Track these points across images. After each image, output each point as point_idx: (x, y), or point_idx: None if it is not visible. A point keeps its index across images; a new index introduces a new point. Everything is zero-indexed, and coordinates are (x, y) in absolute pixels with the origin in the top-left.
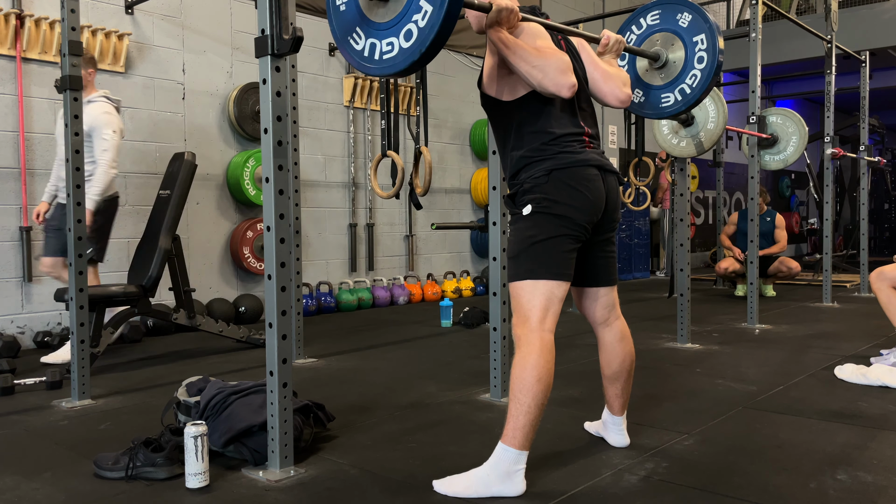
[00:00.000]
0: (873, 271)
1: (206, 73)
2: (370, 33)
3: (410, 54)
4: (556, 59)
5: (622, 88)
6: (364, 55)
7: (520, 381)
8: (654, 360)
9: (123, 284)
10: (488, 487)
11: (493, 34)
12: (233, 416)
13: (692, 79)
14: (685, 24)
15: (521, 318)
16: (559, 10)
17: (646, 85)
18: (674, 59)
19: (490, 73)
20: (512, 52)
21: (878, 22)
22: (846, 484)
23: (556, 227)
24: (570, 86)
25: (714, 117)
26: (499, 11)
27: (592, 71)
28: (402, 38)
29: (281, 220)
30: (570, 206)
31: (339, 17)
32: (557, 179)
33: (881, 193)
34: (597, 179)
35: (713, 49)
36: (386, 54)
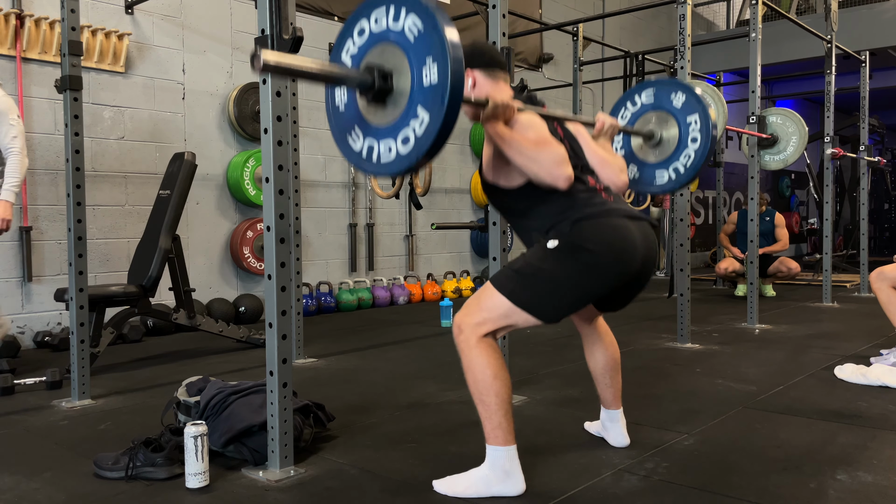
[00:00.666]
0: (873, 271)
1: (206, 73)
2: (368, 135)
3: (408, 160)
4: (552, 151)
5: (619, 176)
6: (362, 156)
7: (478, 384)
8: (654, 360)
9: (123, 284)
10: (489, 487)
11: (489, 128)
12: (233, 416)
13: (686, 158)
14: (679, 104)
15: (471, 315)
16: (559, 11)
17: (640, 161)
18: (668, 137)
19: (488, 162)
20: (508, 145)
21: (878, 22)
22: (846, 484)
23: (576, 276)
24: (566, 177)
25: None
26: (495, 107)
27: (590, 157)
28: (400, 143)
29: (281, 220)
30: (599, 254)
31: (339, 117)
32: (584, 228)
33: (881, 193)
34: (626, 229)
35: (706, 130)
36: (383, 157)
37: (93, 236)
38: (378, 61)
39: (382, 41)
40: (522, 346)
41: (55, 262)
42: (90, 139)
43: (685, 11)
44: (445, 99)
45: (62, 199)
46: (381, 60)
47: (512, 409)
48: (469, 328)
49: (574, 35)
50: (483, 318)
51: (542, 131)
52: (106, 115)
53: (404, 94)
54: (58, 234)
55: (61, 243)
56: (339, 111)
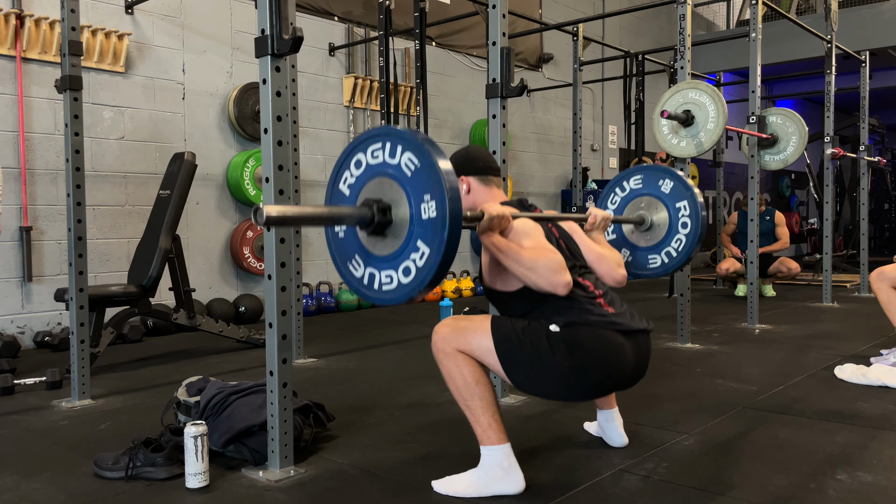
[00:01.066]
0: (873, 271)
1: (206, 73)
2: (369, 264)
3: (409, 290)
4: (549, 259)
5: (617, 270)
6: (363, 283)
7: (461, 391)
8: (654, 360)
9: (123, 284)
10: (488, 486)
11: (485, 240)
12: (233, 415)
13: (677, 243)
14: (667, 189)
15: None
16: (559, 11)
17: (632, 245)
18: (658, 221)
19: (487, 268)
20: (505, 255)
21: (878, 22)
22: (846, 484)
23: (562, 372)
24: (565, 284)
25: (714, 117)
26: (490, 220)
27: (587, 253)
28: (401, 274)
29: None
30: (588, 367)
31: (339, 245)
32: (581, 334)
33: (881, 193)
34: (620, 348)
35: (696, 216)
36: (385, 286)
37: (93, 236)
38: (376, 195)
39: (379, 175)
40: None
41: (55, 262)
42: (90, 139)
43: (685, 11)
44: (445, 235)
45: (62, 199)
46: (378, 194)
47: (499, 409)
48: (445, 340)
49: (574, 35)
50: (461, 341)
51: (538, 238)
52: (106, 115)
53: (404, 226)
54: (58, 234)
55: (61, 243)
56: (339, 238)
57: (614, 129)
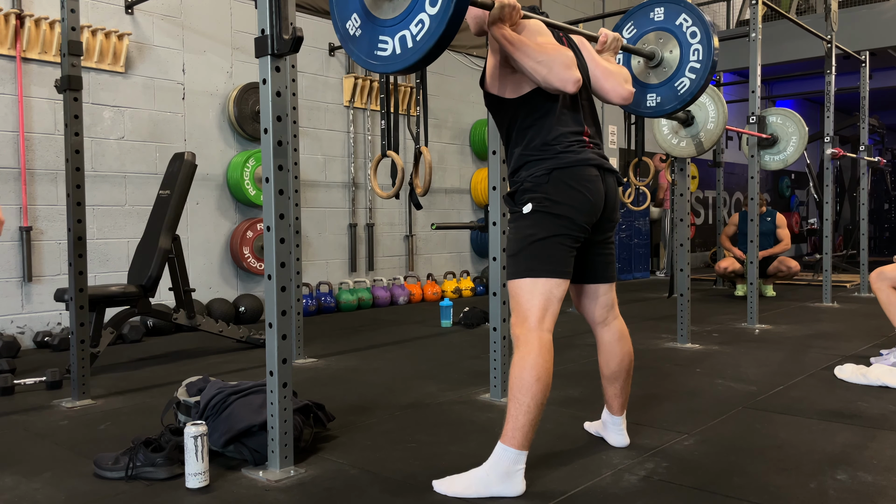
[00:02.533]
0: (873, 271)
1: (206, 73)
2: (369, 25)
3: (406, 58)
4: (560, 54)
5: (623, 85)
6: (397, 52)
7: (519, 381)
8: (654, 360)
9: (123, 284)
10: (488, 487)
11: (496, 31)
12: (233, 416)
13: (696, 55)
14: (661, 17)
15: (520, 317)
16: (559, 10)
17: (642, 84)
18: (669, 57)
19: (492, 72)
20: (516, 48)
21: (878, 22)
22: (846, 484)
23: (555, 226)
24: (575, 80)
25: (714, 117)
26: (501, 8)
27: (594, 69)
28: (397, 42)
29: (281, 220)
30: (570, 206)
31: (358, 43)
32: (558, 179)
33: (881, 193)
34: (597, 180)
35: (701, 22)
36: (381, 52)
37: (93, 236)
38: None
39: None
40: None
41: (55, 262)
42: (90, 139)
43: None
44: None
45: (62, 199)
46: None
47: (539, 419)
48: (518, 325)
49: None
50: (524, 312)
51: (549, 36)
52: (106, 115)
53: None
54: (58, 234)
55: (61, 243)
56: None
57: (614, 129)
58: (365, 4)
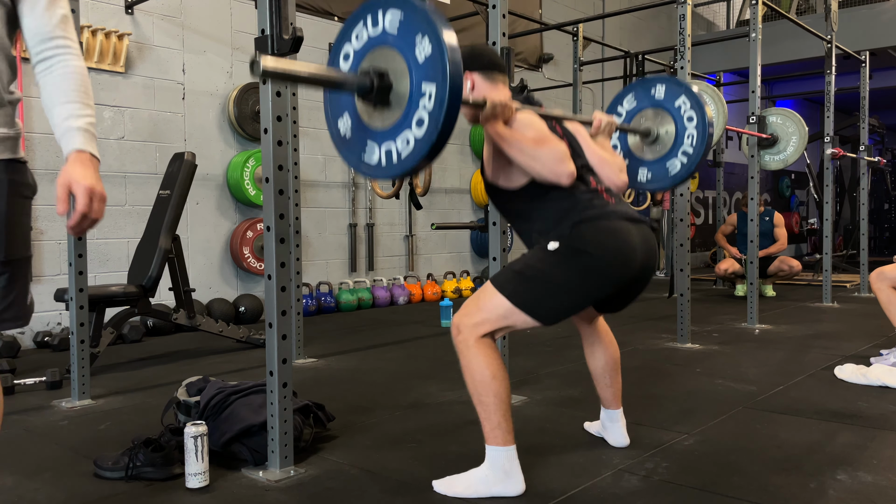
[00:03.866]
0: (873, 271)
1: (206, 73)
2: (362, 134)
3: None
4: (553, 148)
5: (619, 175)
6: (382, 164)
7: (477, 385)
8: (654, 360)
9: (123, 284)
10: (488, 487)
11: (489, 129)
12: (233, 416)
13: (689, 139)
14: (662, 94)
15: (469, 320)
16: (559, 11)
17: (639, 160)
18: (664, 133)
19: (490, 163)
20: (509, 144)
21: (878, 22)
22: (846, 484)
23: (576, 279)
24: (569, 174)
25: (714, 117)
26: (493, 107)
27: (589, 156)
28: (399, 145)
29: (281, 220)
30: (599, 257)
31: (348, 144)
32: (585, 231)
33: (881, 193)
34: (626, 232)
35: (698, 106)
36: (384, 160)
37: (92, 236)
38: (376, 65)
39: (376, 46)
40: (522, 347)
41: (55, 262)
42: None
43: (685, 11)
44: (443, 113)
45: None
46: (376, 63)
47: (511, 410)
48: (467, 329)
49: (574, 35)
50: (482, 319)
51: (542, 129)
52: (106, 115)
53: (403, 99)
54: (58, 234)
55: (61, 243)
56: (347, 139)
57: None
58: (356, 108)
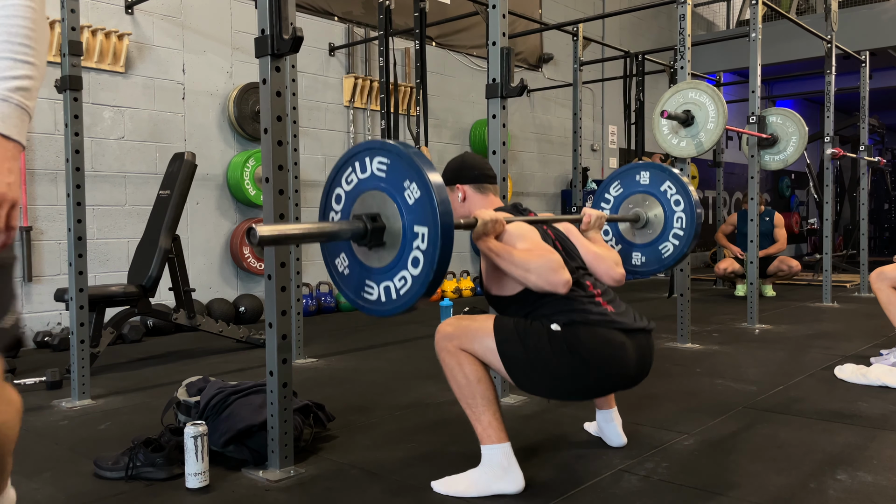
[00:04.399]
0: (873, 271)
1: (206, 73)
2: (379, 279)
3: (404, 302)
4: (546, 259)
5: (615, 269)
6: (382, 300)
7: (462, 389)
8: (654, 360)
9: (123, 284)
10: (488, 486)
11: (481, 245)
12: (233, 416)
13: (679, 221)
14: (646, 181)
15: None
16: (559, 11)
17: (630, 244)
18: (653, 216)
19: (487, 274)
20: (502, 258)
21: (878, 22)
22: (846, 484)
23: (563, 373)
24: (565, 283)
25: (714, 117)
26: (484, 224)
27: (584, 254)
28: (397, 282)
29: (281, 221)
30: (592, 366)
31: (346, 280)
32: (582, 334)
33: (881, 193)
34: (622, 347)
35: (684, 190)
36: (402, 289)
37: (93, 236)
38: (367, 209)
39: (367, 190)
40: None
41: (55, 262)
42: (90, 139)
43: (685, 11)
44: (437, 252)
45: (62, 199)
46: (368, 206)
47: (500, 408)
48: (448, 339)
49: (574, 35)
50: (464, 340)
51: (534, 239)
52: (106, 115)
53: (397, 238)
54: (58, 234)
55: (61, 243)
56: (345, 275)
57: (614, 129)
58: (353, 249)
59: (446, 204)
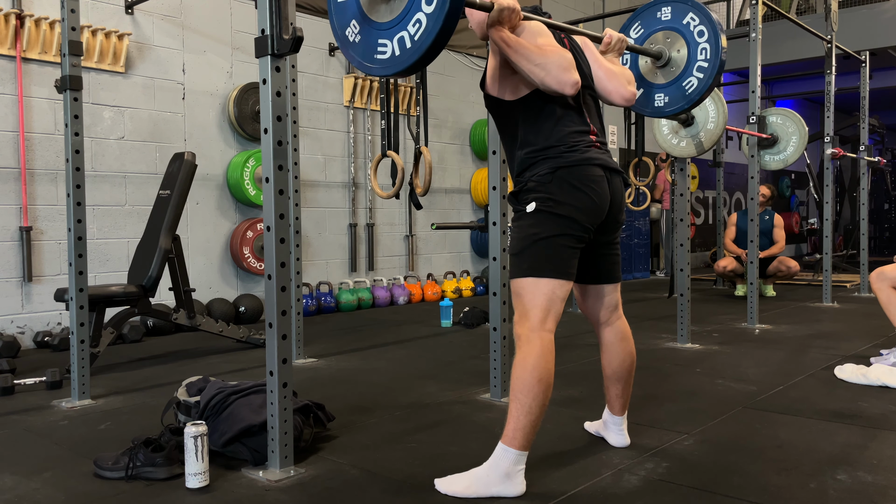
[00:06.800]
0: (873, 271)
1: (206, 73)
2: (366, 29)
3: (413, 52)
4: (559, 56)
5: (626, 87)
6: (397, 54)
7: (521, 382)
8: (654, 360)
9: (123, 284)
10: (488, 487)
11: (494, 34)
12: (233, 416)
13: (703, 53)
14: (670, 15)
15: (522, 315)
16: (559, 10)
17: (649, 83)
18: (676, 57)
19: (493, 74)
20: (514, 50)
21: (878, 22)
22: (846, 484)
23: (558, 226)
24: (574, 83)
25: (714, 117)
26: (500, 10)
27: (597, 69)
28: (396, 44)
29: (281, 220)
30: (574, 206)
31: (358, 48)
32: (562, 179)
33: (881, 193)
34: (602, 181)
35: (709, 22)
36: (380, 55)
37: (93, 236)
38: None
39: None
40: None
41: (55, 262)
42: (90, 139)
43: None
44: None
45: (62, 199)
46: None
47: (540, 421)
48: (523, 328)
49: None
50: (524, 310)
51: (550, 38)
52: (106, 115)
53: None
54: (58, 234)
55: (61, 243)
56: (340, 2)
57: (614, 129)
58: (362, 9)
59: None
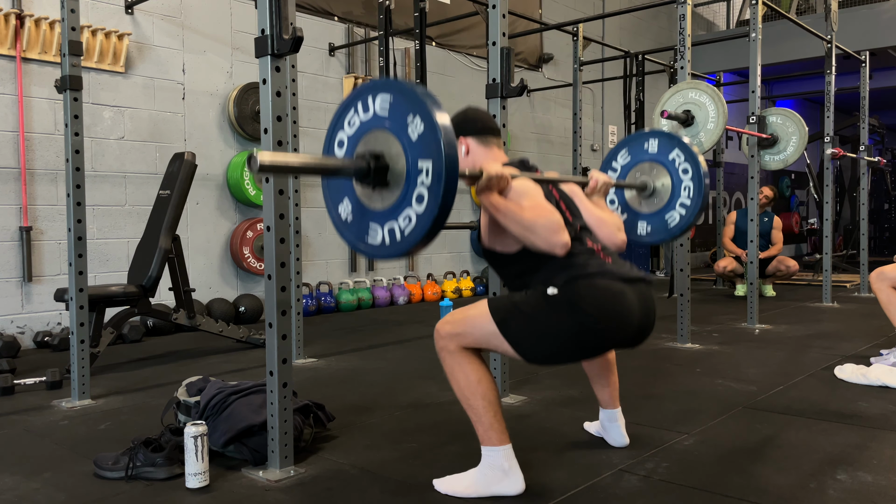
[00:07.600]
0: (873, 271)
1: (206, 73)
2: (383, 221)
3: (406, 245)
4: (548, 219)
5: (617, 234)
6: (386, 244)
7: (463, 390)
8: (654, 360)
9: (123, 284)
10: (488, 486)
11: (484, 199)
12: (233, 415)
13: (686, 191)
14: (655, 149)
15: (452, 329)
16: (559, 11)
17: (636, 213)
18: (661, 186)
19: (486, 229)
20: (504, 215)
21: (878, 22)
22: (846, 484)
23: (567, 333)
24: (563, 244)
25: (714, 117)
26: (489, 179)
27: (587, 217)
28: (399, 226)
29: (281, 220)
30: (594, 318)
31: (349, 227)
32: (581, 288)
33: (881, 193)
34: (622, 295)
35: (692, 158)
36: (384, 240)
37: (93, 236)
38: (371, 148)
39: (369, 130)
40: None
41: (55, 262)
42: (90, 139)
43: (685, 11)
44: (441, 190)
45: (62, 199)
46: (374, 147)
47: (501, 409)
48: (448, 337)
49: (574, 35)
50: (464, 332)
51: (537, 198)
52: (106, 115)
53: (400, 179)
54: (58, 234)
55: (61, 243)
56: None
57: (614, 129)
58: (356, 193)
59: (451, 135)
